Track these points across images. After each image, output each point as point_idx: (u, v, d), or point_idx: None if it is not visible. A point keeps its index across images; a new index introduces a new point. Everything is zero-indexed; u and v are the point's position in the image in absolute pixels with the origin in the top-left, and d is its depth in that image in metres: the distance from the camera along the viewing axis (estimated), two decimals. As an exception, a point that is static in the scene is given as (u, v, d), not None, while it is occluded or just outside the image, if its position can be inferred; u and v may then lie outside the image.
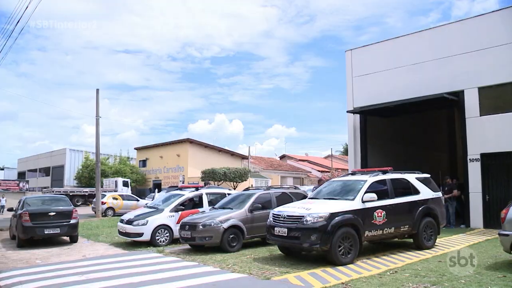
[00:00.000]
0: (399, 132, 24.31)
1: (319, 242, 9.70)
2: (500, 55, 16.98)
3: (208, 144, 48.04)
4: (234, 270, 9.70)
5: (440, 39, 18.95)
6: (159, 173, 48.54)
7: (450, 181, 17.78)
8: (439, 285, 7.78)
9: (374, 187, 11.05)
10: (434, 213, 12.25)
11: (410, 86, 19.15)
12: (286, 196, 14.02)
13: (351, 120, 21.61)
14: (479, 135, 17.26)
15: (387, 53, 20.74)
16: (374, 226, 10.67)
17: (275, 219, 10.81)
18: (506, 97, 17.44)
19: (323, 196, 11.60)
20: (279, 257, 11.21)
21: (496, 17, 17.62)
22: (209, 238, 12.24)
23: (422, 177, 12.70)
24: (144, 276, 9.15)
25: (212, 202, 15.25)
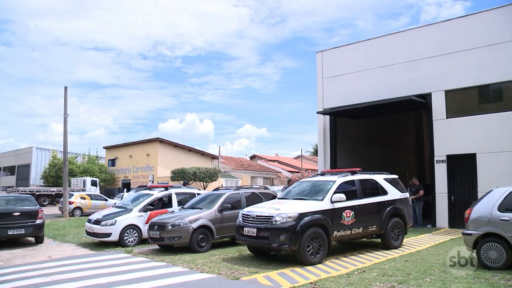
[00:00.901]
0: (368, 133, 24.61)
1: (288, 242, 9.74)
2: (465, 60, 17.39)
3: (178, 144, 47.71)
4: (203, 270, 9.66)
5: (409, 43, 19.27)
6: (128, 173, 47.97)
7: (416, 182, 18.06)
8: (405, 284, 7.91)
9: (343, 188, 11.15)
10: (402, 214, 12.44)
11: (379, 88, 19.41)
12: (256, 196, 14.04)
13: (321, 121, 21.77)
14: (445, 137, 17.61)
15: (357, 55, 20.97)
16: (342, 226, 10.77)
17: (244, 219, 10.81)
18: (471, 100, 17.89)
19: (292, 196, 11.64)
20: (248, 257, 11.21)
21: (461, 23, 18.05)
22: (178, 238, 12.17)
23: (390, 178, 12.88)
24: (112, 277, 9.04)
25: (182, 202, 15.11)
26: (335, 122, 21.67)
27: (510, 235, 8.76)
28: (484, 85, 17.24)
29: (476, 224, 9.31)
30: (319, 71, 22.07)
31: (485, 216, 9.18)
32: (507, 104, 16.77)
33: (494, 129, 16.47)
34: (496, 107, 17.07)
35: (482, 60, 16.97)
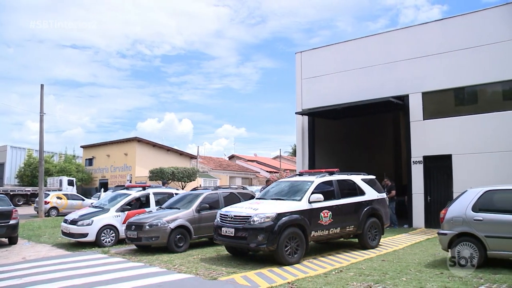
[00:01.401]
0: (346, 134, 24.78)
1: (266, 242, 9.76)
2: (442, 62, 17.64)
3: (156, 143, 47.43)
4: (181, 270, 9.64)
5: (387, 45, 19.48)
6: (105, 172, 47.49)
7: (388, 183, 18.11)
8: (381, 283, 7.98)
9: (321, 188, 11.21)
10: (379, 214, 12.56)
11: (358, 89, 19.56)
12: (234, 196, 14.05)
13: (299, 121, 21.85)
14: (422, 138, 17.84)
15: (336, 57, 21.10)
16: (320, 226, 10.83)
17: (222, 219, 10.80)
18: (448, 102, 18.17)
19: (270, 196, 11.67)
20: (226, 257, 11.20)
21: (438, 26, 18.32)
22: (156, 238, 12.10)
23: (368, 179, 12.99)
24: (89, 277, 8.95)
25: (159, 202, 15.05)
26: (314, 123, 21.78)
27: (483, 234, 8.93)
28: (460, 87, 17.53)
29: (451, 224, 9.47)
30: (298, 72, 22.15)
31: (460, 216, 9.34)
32: (482, 106, 17.10)
33: (469, 130, 16.75)
34: (472, 109, 17.36)
35: (458, 63, 17.25)
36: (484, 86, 17.16)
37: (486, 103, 17.27)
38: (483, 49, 16.73)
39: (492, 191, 9.53)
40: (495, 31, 16.63)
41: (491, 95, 17.36)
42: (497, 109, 16.56)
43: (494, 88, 17.12)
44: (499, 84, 16.78)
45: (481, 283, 7.80)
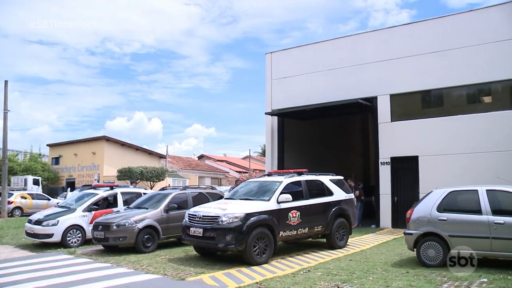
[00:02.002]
0: (316, 134, 24.95)
1: (234, 242, 9.76)
2: (410, 65, 17.97)
3: (125, 142, 46.85)
4: (148, 271, 9.55)
5: (357, 47, 19.70)
6: (73, 171, 46.64)
7: (352, 183, 18.25)
8: (349, 283, 8.06)
9: (289, 188, 11.26)
10: (347, 214, 12.68)
11: (327, 90, 19.71)
12: (203, 196, 14.00)
13: (269, 122, 21.90)
14: (390, 139, 18.11)
15: (306, 58, 21.22)
16: (288, 227, 10.88)
17: (190, 219, 10.75)
18: (415, 104, 18.53)
19: (239, 196, 11.66)
20: (194, 257, 11.16)
21: (406, 30, 18.68)
22: (123, 238, 11.96)
23: (336, 179, 13.10)
24: (54, 279, 8.77)
25: (127, 201, 14.86)
26: (283, 123, 21.86)
27: (447, 234, 9.15)
28: (427, 90, 17.92)
29: (416, 224, 9.65)
30: (268, 72, 22.21)
31: (425, 216, 9.53)
32: (448, 109, 17.50)
33: (435, 132, 17.08)
34: (438, 111, 17.75)
35: (426, 66, 17.58)
36: (450, 89, 17.55)
37: (451, 106, 17.67)
38: (449, 54, 17.11)
39: (456, 191, 9.78)
40: (460, 37, 17.04)
41: (457, 98, 17.77)
42: (462, 112, 16.97)
43: (459, 92, 17.53)
44: (464, 87, 17.21)
45: (444, 281, 7.98)
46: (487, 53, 16.35)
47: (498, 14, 16.60)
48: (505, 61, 16.02)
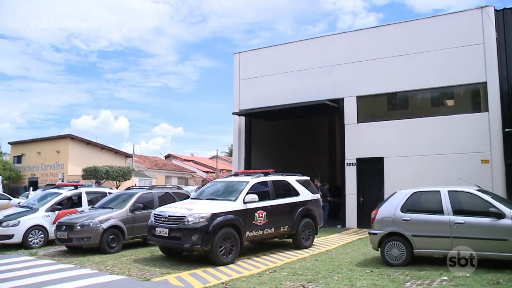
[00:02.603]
0: (283, 135, 25.06)
1: (200, 242, 9.73)
2: (376, 68, 18.25)
3: (90, 141, 46.06)
4: (113, 272, 9.43)
5: (325, 49, 19.87)
6: (36, 170, 45.57)
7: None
8: (314, 283, 8.12)
9: (256, 188, 11.29)
10: (313, 214, 12.78)
11: (295, 91, 19.81)
12: (169, 196, 13.92)
13: (236, 122, 21.89)
14: (356, 140, 18.33)
15: (275, 58, 21.28)
16: (255, 227, 10.90)
17: (156, 219, 10.67)
18: (381, 106, 18.82)
19: (205, 196, 11.63)
20: (160, 257, 11.09)
21: (373, 33, 18.99)
22: (87, 239, 11.79)
23: (302, 180, 13.18)
24: (13, 281, 8.54)
25: (92, 201, 14.63)
26: (250, 124, 21.88)
27: (410, 234, 9.35)
28: (392, 92, 18.22)
29: (381, 224, 9.80)
30: (236, 72, 22.19)
31: (389, 216, 9.70)
32: (412, 111, 17.85)
33: (400, 134, 17.41)
34: (403, 113, 18.08)
35: (392, 69, 17.90)
36: (415, 92, 17.91)
37: (416, 108, 18.02)
38: (414, 57, 17.46)
39: (419, 192, 10.00)
40: (424, 41, 17.40)
41: (421, 101, 18.14)
42: (426, 115, 17.33)
43: (424, 95, 17.91)
44: (428, 90, 17.60)
45: (407, 280, 8.14)
46: (451, 57, 16.76)
47: (461, 20, 17.04)
48: (467, 66, 16.45)
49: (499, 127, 15.80)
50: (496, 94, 15.95)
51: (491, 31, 16.17)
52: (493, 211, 8.79)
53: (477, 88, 16.69)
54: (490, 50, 16.11)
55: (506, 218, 8.63)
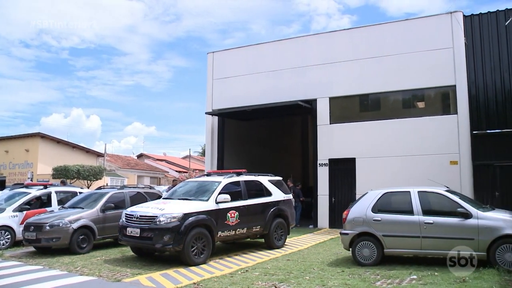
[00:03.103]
0: (256, 135, 25.08)
1: (172, 242, 9.69)
2: (349, 69, 18.44)
3: (61, 140, 45.28)
4: (83, 272, 9.32)
5: (298, 50, 19.97)
6: (3, 169, 44.55)
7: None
8: (286, 282, 8.16)
9: (228, 189, 11.30)
10: (285, 214, 12.84)
11: (268, 91, 19.86)
12: (141, 196, 13.82)
13: (209, 121, 21.81)
14: (328, 141, 18.48)
15: (248, 58, 21.29)
16: (227, 227, 10.91)
17: (127, 219, 10.57)
18: (353, 108, 19.02)
19: (178, 196, 11.58)
20: (131, 258, 10.99)
21: (346, 35, 19.15)
22: (57, 239, 11.59)
23: (275, 180, 13.24)
24: (-23, 284, 8.33)
25: (62, 201, 14.42)
26: (224, 124, 21.83)
27: (381, 234, 9.50)
28: (364, 94, 18.43)
29: (352, 224, 9.91)
30: (209, 72, 22.11)
31: (360, 216, 9.82)
32: (384, 113, 18.09)
33: (372, 135, 17.62)
34: (375, 115, 18.31)
35: (364, 71, 18.11)
36: (387, 94, 18.15)
37: (388, 110, 18.27)
38: (386, 60, 17.73)
39: (390, 193, 10.16)
40: (396, 44, 17.70)
41: (393, 102, 18.38)
42: (397, 116, 17.59)
43: (396, 96, 18.15)
44: (400, 92, 17.85)
45: (377, 279, 8.25)
46: (422, 60, 17.06)
47: (432, 24, 17.36)
48: (437, 69, 16.79)
49: (467, 129, 16.17)
50: (464, 97, 16.32)
51: (460, 36, 16.53)
52: (461, 211, 9.02)
53: (447, 91, 17.01)
54: (459, 54, 16.49)
55: (472, 218, 8.87)
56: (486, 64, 16.40)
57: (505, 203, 14.71)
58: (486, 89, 16.38)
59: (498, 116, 16.15)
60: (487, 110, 16.34)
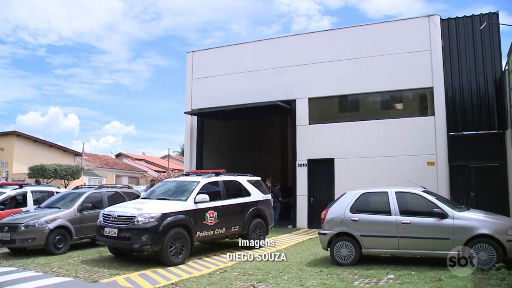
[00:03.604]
0: (236, 135, 25.08)
1: (150, 242, 9.64)
2: (328, 70, 18.56)
3: (38, 139, 44.61)
4: (59, 273, 9.21)
5: (278, 50, 20.01)
6: (-23, 169, 43.84)
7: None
8: (264, 282, 8.18)
9: (207, 188, 11.30)
10: (264, 214, 12.88)
11: (248, 92, 19.86)
12: (119, 196, 13.69)
13: (188, 121, 21.71)
14: (307, 142, 18.56)
15: (228, 58, 21.25)
16: (205, 227, 10.90)
17: (105, 219, 10.49)
18: (332, 108, 19.13)
19: (156, 196, 11.52)
20: (109, 258, 10.91)
21: (325, 36, 19.29)
22: (32, 240, 11.41)
23: (254, 180, 13.26)
24: None
25: (38, 201, 14.19)
26: (203, 123, 21.75)
27: (359, 234, 9.60)
28: (343, 95, 18.56)
29: (330, 225, 9.99)
30: (189, 72, 22.00)
31: (339, 217, 9.91)
32: (363, 114, 18.23)
33: (351, 136, 17.75)
34: (353, 116, 18.45)
35: (343, 72, 18.25)
36: (365, 95, 18.30)
37: (366, 111, 18.41)
38: (365, 61, 17.89)
39: (368, 193, 10.27)
40: (375, 46, 17.87)
41: (371, 104, 18.54)
42: (375, 117, 17.77)
43: (374, 98, 18.32)
44: (378, 94, 18.03)
45: (355, 279, 8.32)
46: (400, 62, 17.27)
47: (410, 27, 17.60)
48: (415, 71, 17.02)
49: (444, 131, 16.42)
50: (441, 99, 16.57)
51: (437, 39, 16.78)
52: (437, 211, 9.17)
53: (424, 93, 17.24)
54: (436, 57, 16.73)
55: (448, 218, 9.02)
56: (462, 67, 16.69)
57: (480, 203, 15.02)
58: (462, 92, 16.66)
59: (474, 118, 16.45)
60: (463, 112, 16.62)
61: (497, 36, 16.47)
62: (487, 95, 16.38)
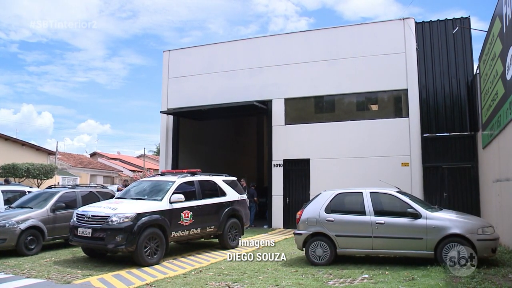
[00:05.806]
0: (212, 135, 25.02)
1: (124, 243, 9.57)
2: (304, 71, 18.68)
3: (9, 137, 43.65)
4: (30, 275, 9.04)
5: (255, 50, 20.06)
6: None
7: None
8: (239, 282, 8.18)
9: (182, 188, 11.26)
10: (239, 215, 12.89)
11: (224, 91, 19.85)
12: (93, 196, 13.55)
13: (164, 120, 21.59)
14: (283, 142, 18.64)
15: (204, 58, 21.20)
16: (181, 227, 10.86)
17: (79, 219, 10.35)
18: (308, 109, 19.23)
19: (131, 196, 11.42)
20: (82, 259, 10.79)
21: (302, 37, 19.40)
22: (2, 241, 11.18)
23: (229, 180, 13.27)
24: None
25: (10, 200, 13.91)
26: (178, 123, 21.66)
27: (334, 234, 9.67)
28: (319, 96, 18.69)
29: (306, 225, 10.04)
30: (165, 71, 21.87)
31: (314, 217, 9.96)
32: (338, 115, 18.39)
33: (326, 137, 17.91)
34: (329, 117, 18.59)
35: (319, 73, 18.39)
36: (341, 97, 18.46)
37: (342, 112, 18.58)
38: (341, 62, 18.07)
39: (343, 193, 10.36)
40: (351, 47, 18.08)
41: (347, 105, 18.71)
42: (351, 118, 17.95)
43: (350, 99, 18.49)
44: (354, 95, 18.21)
45: (330, 279, 8.37)
46: (375, 64, 17.50)
47: (385, 29, 17.87)
48: (390, 73, 17.28)
49: (418, 132, 16.68)
50: (415, 101, 16.84)
51: (412, 42, 17.06)
52: (411, 211, 9.30)
53: (399, 95, 17.48)
54: (411, 59, 17.01)
55: (422, 218, 9.16)
56: (436, 70, 17.00)
57: (452, 204, 15.33)
58: (435, 94, 16.96)
59: (447, 120, 16.76)
60: (436, 114, 16.91)
61: (469, 41, 16.85)
62: (459, 97, 16.72)
